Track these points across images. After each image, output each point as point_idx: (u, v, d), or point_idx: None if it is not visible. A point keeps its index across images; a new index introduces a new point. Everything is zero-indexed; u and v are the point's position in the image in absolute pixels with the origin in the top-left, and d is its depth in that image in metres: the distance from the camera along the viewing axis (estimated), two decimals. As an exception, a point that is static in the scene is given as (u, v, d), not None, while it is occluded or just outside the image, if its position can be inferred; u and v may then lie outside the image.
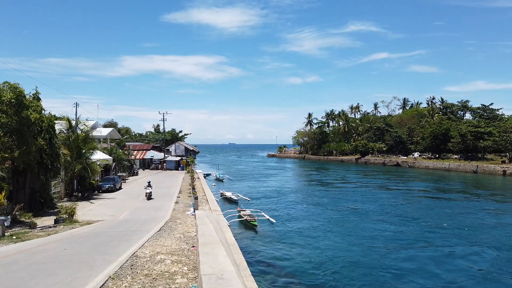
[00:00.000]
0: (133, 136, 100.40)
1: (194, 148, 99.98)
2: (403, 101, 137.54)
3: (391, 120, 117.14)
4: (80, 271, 8.51)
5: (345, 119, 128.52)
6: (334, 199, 39.89)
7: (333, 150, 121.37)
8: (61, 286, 7.25)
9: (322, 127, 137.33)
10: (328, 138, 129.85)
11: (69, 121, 36.04)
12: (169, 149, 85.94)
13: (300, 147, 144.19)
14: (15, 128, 21.84)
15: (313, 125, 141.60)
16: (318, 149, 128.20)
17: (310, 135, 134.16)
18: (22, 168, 23.13)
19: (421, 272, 17.04)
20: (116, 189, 38.41)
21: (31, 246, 13.44)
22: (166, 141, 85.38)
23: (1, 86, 22.39)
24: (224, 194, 39.91)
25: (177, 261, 9.69)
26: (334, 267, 17.75)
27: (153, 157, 76.38)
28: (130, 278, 7.85)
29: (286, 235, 23.96)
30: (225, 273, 5.99)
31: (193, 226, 16.79)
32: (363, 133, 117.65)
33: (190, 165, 71.93)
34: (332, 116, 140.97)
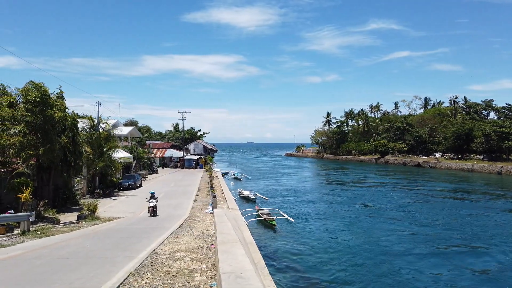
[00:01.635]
0: (153, 134, 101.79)
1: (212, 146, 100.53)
2: (425, 100, 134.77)
3: (412, 119, 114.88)
4: (101, 267, 8.68)
5: (365, 119, 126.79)
6: (352, 199, 39.45)
7: (352, 150, 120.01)
8: (84, 281, 7.41)
9: (341, 126, 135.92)
10: (347, 137, 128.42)
11: (92, 119, 36.80)
12: (188, 148, 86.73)
13: (319, 146, 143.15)
14: (40, 126, 22.44)
15: (331, 124, 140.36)
16: (336, 148, 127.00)
17: (329, 134, 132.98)
18: (47, 165, 23.76)
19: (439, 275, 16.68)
20: (136, 186, 39.02)
21: (54, 241, 13.80)
22: (185, 140, 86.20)
23: (26, 86, 23.05)
24: (242, 193, 40.01)
25: (196, 258, 9.77)
26: (352, 267, 17.57)
27: (173, 155, 77.25)
28: (150, 275, 7.96)
29: (304, 235, 23.84)
30: (244, 272, 5.99)
31: (212, 224, 16.90)
32: (383, 132, 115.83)
33: (209, 163, 72.40)
34: (351, 115, 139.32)
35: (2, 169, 21.50)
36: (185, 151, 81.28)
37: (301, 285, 15.35)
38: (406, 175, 67.51)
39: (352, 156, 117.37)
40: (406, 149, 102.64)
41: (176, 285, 7.24)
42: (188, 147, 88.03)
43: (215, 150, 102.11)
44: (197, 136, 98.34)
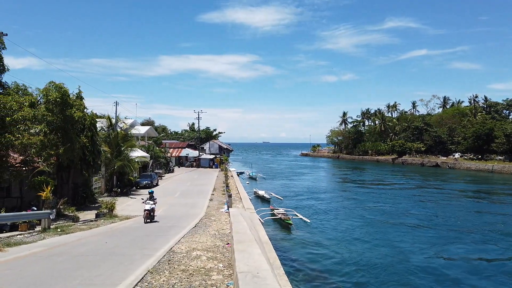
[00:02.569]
0: (169, 134, 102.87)
1: (227, 146, 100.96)
2: (444, 99, 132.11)
3: (431, 119, 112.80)
4: (120, 264, 8.83)
5: (382, 118, 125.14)
6: (368, 199, 39.03)
7: (368, 150, 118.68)
8: (103, 278, 7.56)
9: (357, 126, 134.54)
10: (363, 137, 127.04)
11: (110, 119, 37.43)
12: (203, 147, 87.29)
13: (334, 146, 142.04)
14: (60, 126, 22.95)
15: (348, 124, 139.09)
16: (352, 148, 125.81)
17: (345, 134, 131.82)
18: (66, 164, 24.29)
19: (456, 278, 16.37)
20: (153, 185, 39.50)
21: (74, 238, 14.10)
22: (200, 139, 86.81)
23: (47, 86, 23.60)
24: (257, 193, 40.06)
25: (213, 257, 9.84)
26: (368, 268, 17.41)
27: (188, 154, 77.88)
28: (168, 273, 8.06)
29: (319, 235, 23.72)
30: (260, 271, 6.01)
31: (227, 224, 16.98)
32: (400, 132, 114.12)
33: (224, 163, 72.73)
34: (368, 115, 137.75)
35: (24, 168, 22.07)
36: (201, 151, 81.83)
37: (317, 285, 15.29)
38: (424, 176, 66.40)
39: (368, 156, 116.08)
40: (424, 149, 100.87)
41: (193, 283, 7.31)
42: (204, 146, 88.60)
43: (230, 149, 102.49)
44: (212, 136, 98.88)
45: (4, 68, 21.87)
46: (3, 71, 21.94)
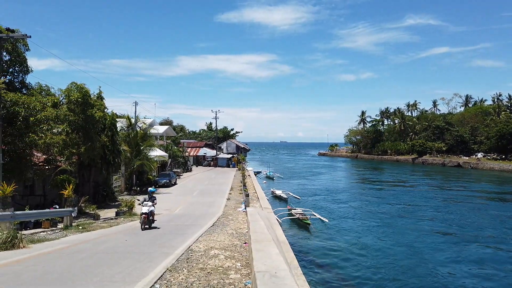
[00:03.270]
0: (187, 133, 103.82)
1: (245, 146, 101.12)
2: (466, 98, 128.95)
3: (452, 118, 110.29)
4: (140, 262, 8.96)
5: (401, 117, 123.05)
6: (387, 200, 38.46)
7: (387, 150, 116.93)
8: (124, 275, 7.68)
9: (376, 125, 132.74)
10: (382, 137, 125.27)
11: (129, 119, 38.03)
12: (221, 147, 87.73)
13: (353, 146, 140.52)
14: (81, 125, 23.43)
15: (366, 123, 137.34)
16: (371, 148, 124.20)
17: (363, 133, 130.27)
18: (87, 163, 24.80)
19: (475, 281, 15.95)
20: (172, 184, 39.94)
21: (95, 236, 14.39)
22: (218, 139, 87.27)
23: (69, 87, 24.14)
24: (274, 192, 40.02)
25: (230, 256, 9.87)
26: (386, 269, 17.17)
27: (206, 154, 78.41)
28: (186, 271, 8.13)
29: (338, 235, 23.51)
30: (278, 271, 5.99)
31: (245, 223, 17.01)
32: (421, 132, 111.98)
33: (241, 162, 72.91)
34: (387, 114, 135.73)
35: (47, 167, 22.65)
36: (218, 150, 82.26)
37: (335, 286, 15.16)
38: (445, 176, 65.00)
39: (387, 156, 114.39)
40: (446, 149, 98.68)
41: (211, 282, 7.35)
42: (221, 146, 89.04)
43: (247, 149, 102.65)
44: (230, 135, 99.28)
45: (28, 69, 22.48)
46: (27, 72, 22.56)
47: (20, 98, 19.18)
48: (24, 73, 22.47)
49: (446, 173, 70.36)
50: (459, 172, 72.85)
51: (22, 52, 21.91)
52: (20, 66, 22.04)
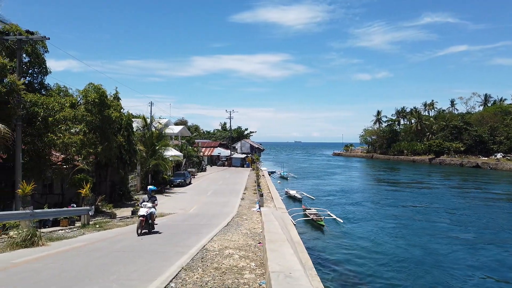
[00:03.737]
0: (201, 133, 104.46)
1: (259, 145, 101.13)
2: (485, 97, 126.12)
3: (470, 118, 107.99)
4: (155, 261, 9.05)
5: (418, 117, 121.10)
6: (403, 201, 37.92)
7: (404, 150, 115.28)
8: (139, 274, 7.77)
9: (392, 125, 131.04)
10: (398, 136, 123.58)
11: (145, 119, 38.46)
12: (235, 147, 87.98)
13: (368, 146, 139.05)
14: (98, 125, 23.82)
15: (382, 123, 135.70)
16: (387, 148, 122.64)
17: (379, 133, 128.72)
18: (104, 163, 25.18)
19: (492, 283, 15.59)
20: (186, 184, 40.24)
21: (112, 235, 14.59)
22: (232, 139, 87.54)
23: (86, 87, 24.56)
24: (289, 192, 39.91)
25: (245, 256, 9.88)
26: (401, 271, 16.94)
27: (220, 154, 78.73)
28: (201, 270, 8.17)
29: (352, 236, 23.30)
30: (293, 272, 5.96)
31: (259, 223, 17.01)
32: (438, 131, 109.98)
33: (255, 162, 72.95)
34: (403, 113, 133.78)
35: (65, 166, 23.08)
36: (232, 150, 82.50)
37: (349, 287, 15.03)
38: (463, 177, 63.72)
39: (404, 156, 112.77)
40: (464, 149, 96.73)
41: (226, 281, 7.37)
42: (235, 146, 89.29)
43: (261, 149, 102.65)
44: (244, 135, 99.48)
45: (47, 70, 22.93)
46: (46, 74, 23.02)
47: (39, 99, 19.59)
48: (43, 74, 22.92)
49: (464, 174, 68.97)
50: (478, 173, 71.31)
51: (41, 53, 22.36)
52: (39, 67, 22.49)
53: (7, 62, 17.58)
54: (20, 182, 16.52)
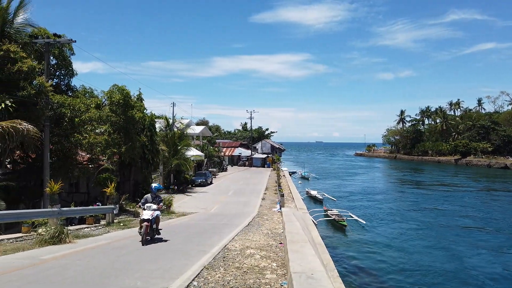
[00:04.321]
0: (222, 133, 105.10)
1: (279, 146, 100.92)
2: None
3: (499, 117, 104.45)
4: (177, 259, 9.17)
5: (443, 117, 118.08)
6: (428, 202, 37.06)
7: (428, 150, 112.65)
8: (162, 271, 7.89)
9: (416, 125, 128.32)
10: (422, 137, 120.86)
11: (167, 119, 39.02)
12: (256, 147, 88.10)
13: (391, 146, 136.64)
14: (122, 126, 24.33)
15: (405, 123, 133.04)
16: (411, 148, 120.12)
17: (403, 133, 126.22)
18: (128, 162, 25.70)
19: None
20: (207, 183, 40.58)
21: (135, 233, 14.85)
22: (253, 139, 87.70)
23: (111, 89, 25.13)
24: (310, 193, 39.67)
25: (266, 256, 9.88)
26: (424, 274, 16.59)
27: (241, 154, 79.02)
28: (223, 270, 8.22)
29: (376, 237, 22.96)
30: (315, 273, 5.93)
31: (280, 223, 16.98)
32: (464, 131, 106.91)
33: (276, 162, 72.85)
34: (428, 113, 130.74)
35: (91, 165, 23.69)
36: (253, 150, 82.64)
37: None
38: (491, 178, 61.73)
39: (428, 157, 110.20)
40: (491, 150, 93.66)
41: (247, 281, 7.39)
42: (256, 146, 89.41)
43: (282, 149, 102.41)
44: (264, 135, 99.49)
45: (73, 72, 23.60)
46: (72, 75, 23.69)
47: (66, 100, 20.17)
48: (69, 76, 23.59)
49: (492, 175, 66.82)
50: (506, 174, 68.92)
51: (67, 56, 23.03)
52: (66, 69, 23.16)
53: (36, 65, 18.17)
54: (48, 181, 17.03)
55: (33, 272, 7.75)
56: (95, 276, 7.54)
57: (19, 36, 19.50)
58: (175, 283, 7.01)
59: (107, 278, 7.39)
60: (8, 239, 12.34)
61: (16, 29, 19.52)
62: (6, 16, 19.06)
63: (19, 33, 19.61)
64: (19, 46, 17.97)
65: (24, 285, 6.73)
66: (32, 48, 20.36)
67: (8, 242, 11.91)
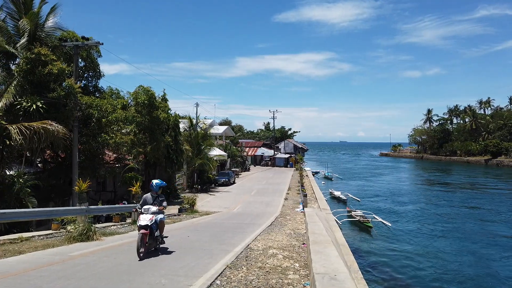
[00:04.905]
0: (245, 133, 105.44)
1: (302, 145, 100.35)
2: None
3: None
4: (201, 258, 9.26)
5: (472, 115, 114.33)
6: (455, 204, 35.96)
7: (457, 150, 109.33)
8: (187, 270, 7.99)
9: (444, 124, 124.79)
10: (451, 136, 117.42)
11: (191, 119, 39.51)
12: (278, 146, 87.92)
13: (418, 146, 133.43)
14: (147, 126, 24.81)
15: (433, 122, 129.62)
16: (438, 148, 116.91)
17: (430, 133, 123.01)
18: (153, 162, 26.18)
19: None
20: (230, 183, 40.80)
21: (160, 231, 15.10)
22: (275, 139, 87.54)
23: (136, 90, 25.65)
24: (333, 193, 39.26)
25: (289, 256, 9.84)
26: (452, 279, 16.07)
27: (264, 154, 79.04)
28: (245, 269, 8.25)
29: (401, 239, 22.48)
30: (338, 274, 5.85)
31: (303, 223, 16.88)
32: (495, 131, 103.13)
33: (299, 162, 72.47)
34: (456, 112, 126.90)
35: (117, 165, 24.26)
36: (276, 150, 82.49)
37: (398, 293, 14.51)
38: (524, 179, 59.31)
39: (457, 157, 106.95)
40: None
41: (270, 281, 7.38)
42: (279, 145, 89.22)
43: (305, 149, 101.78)
44: (287, 135, 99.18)
45: (100, 74, 24.23)
46: (100, 77, 24.33)
47: (93, 101, 20.73)
48: (97, 78, 24.23)
49: (525, 176, 64.21)
50: (540, 175, 66.05)
51: (95, 58, 23.65)
52: (94, 71, 23.80)
53: (65, 67, 18.76)
54: (77, 179, 17.55)
55: (62, 268, 8.01)
56: (121, 273, 7.71)
57: (50, 40, 20.21)
58: (199, 281, 7.08)
59: (133, 275, 7.54)
60: (39, 235, 12.79)
61: (46, 33, 20.25)
62: (38, 21, 19.78)
63: (49, 37, 20.32)
64: (50, 49, 18.61)
65: (54, 281, 6.96)
66: (61, 50, 21.02)
67: (39, 238, 12.35)
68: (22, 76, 17.41)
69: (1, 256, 9.02)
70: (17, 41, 19.42)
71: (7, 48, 18.58)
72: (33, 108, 16.27)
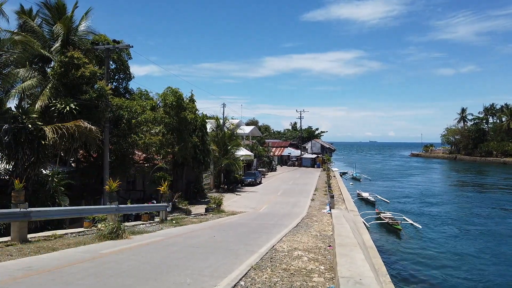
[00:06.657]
0: (272, 133, 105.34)
1: (330, 145, 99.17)
2: None
3: None
4: (226, 258, 9.32)
5: (510, 115, 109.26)
6: (491, 207, 34.48)
7: (493, 151, 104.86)
8: (212, 270, 8.06)
9: (479, 123, 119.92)
10: (486, 136, 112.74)
11: (218, 120, 39.87)
12: (305, 147, 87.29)
13: (451, 146, 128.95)
14: (175, 127, 25.24)
15: (467, 121, 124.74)
16: (473, 148, 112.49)
17: (464, 132, 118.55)
18: (181, 162, 26.61)
19: None
20: (257, 183, 40.87)
21: (187, 230, 15.33)
22: (302, 139, 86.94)
23: (165, 91, 26.16)
24: (361, 194, 38.56)
25: (314, 259, 9.74)
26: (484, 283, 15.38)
27: (290, 154, 78.69)
28: (270, 271, 8.22)
29: (432, 243, 21.79)
30: (363, 278, 5.73)
31: (329, 225, 16.67)
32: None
33: (326, 163, 71.66)
34: (493, 111, 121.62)
35: (146, 164, 24.82)
36: (303, 150, 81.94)
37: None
38: None
39: (492, 158, 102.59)
40: None
41: (294, 283, 7.33)
42: (306, 146, 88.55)
43: (333, 149, 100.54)
44: (314, 135, 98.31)
45: (130, 76, 24.86)
46: (130, 79, 24.96)
47: (124, 102, 21.29)
48: (127, 80, 24.87)
49: None
50: None
51: (125, 60, 24.29)
52: (124, 73, 24.45)
53: (97, 70, 19.37)
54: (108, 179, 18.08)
55: (93, 265, 8.26)
56: (148, 271, 7.87)
57: (82, 43, 20.93)
58: (223, 282, 7.12)
59: (159, 273, 7.68)
60: (71, 233, 13.27)
61: (79, 37, 20.97)
62: (71, 25, 20.52)
63: (82, 40, 21.04)
64: (82, 53, 19.26)
65: (85, 277, 7.19)
66: (93, 54, 21.72)
67: (71, 236, 12.81)
68: (56, 79, 18.11)
69: (36, 253, 9.41)
70: (52, 45, 20.24)
71: (43, 52, 19.39)
72: (67, 110, 16.89)
